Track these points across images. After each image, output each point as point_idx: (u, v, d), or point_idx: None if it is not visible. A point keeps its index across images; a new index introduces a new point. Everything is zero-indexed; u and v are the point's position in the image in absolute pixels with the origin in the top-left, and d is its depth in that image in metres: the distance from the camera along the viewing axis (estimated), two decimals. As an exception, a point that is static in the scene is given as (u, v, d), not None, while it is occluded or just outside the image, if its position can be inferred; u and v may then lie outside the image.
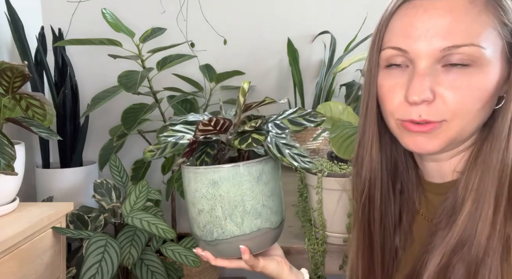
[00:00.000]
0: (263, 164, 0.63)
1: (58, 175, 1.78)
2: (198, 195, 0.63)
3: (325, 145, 1.70)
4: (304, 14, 1.95)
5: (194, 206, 0.64)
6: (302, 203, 1.15)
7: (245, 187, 0.61)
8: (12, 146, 1.00)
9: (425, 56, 0.52)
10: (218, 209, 0.62)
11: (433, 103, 0.52)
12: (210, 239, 0.64)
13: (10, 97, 1.04)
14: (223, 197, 0.61)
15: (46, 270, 1.13)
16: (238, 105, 0.63)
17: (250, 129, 0.62)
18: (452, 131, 0.53)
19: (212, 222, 0.63)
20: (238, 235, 0.62)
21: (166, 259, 1.51)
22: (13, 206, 1.13)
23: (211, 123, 0.60)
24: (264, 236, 0.64)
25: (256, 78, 1.96)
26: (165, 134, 0.65)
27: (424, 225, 0.63)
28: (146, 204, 1.47)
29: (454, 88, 0.51)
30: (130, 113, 1.59)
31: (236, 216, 0.62)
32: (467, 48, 0.50)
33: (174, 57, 1.67)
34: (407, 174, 0.64)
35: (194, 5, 1.96)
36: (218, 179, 0.61)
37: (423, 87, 0.51)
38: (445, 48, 0.51)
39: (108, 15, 1.60)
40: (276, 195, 0.65)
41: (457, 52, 0.50)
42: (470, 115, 0.51)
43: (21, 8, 1.69)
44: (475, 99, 0.51)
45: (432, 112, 0.52)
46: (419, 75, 0.52)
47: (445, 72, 0.51)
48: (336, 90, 1.89)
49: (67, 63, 1.82)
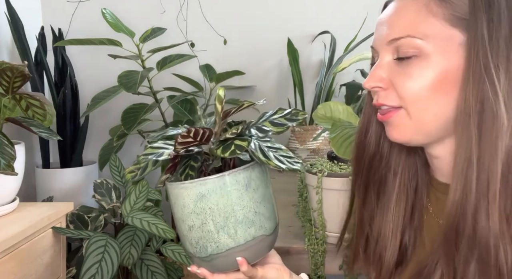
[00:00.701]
0: (250, 170, 0.61)
1: (58, 175, 1.78)
2: (186, 210, 0.60)
3: (325, 145, 1.70)
4: (304, 14, 1.96)
5: (183, 222, 0.61)
6: (302, 203, 1.15)
7: (234, 196, 0.60)
8: (12, 146, 1.00)
9: (380, 50, 0.58)
10: (209, 223, 0.60)
11: (388, 90, 0.57)
12: (205, 255, 0.61)
13: (10, 97, 1.04)
14: (213, 210, 0.59)
15: (46, 270, 1.13)
16: (217, 113, 0.61)
17: (232, 136, 0.60)
18: (410, 119, 0.56)
19: (205, 237, 0.60)
20: (233, 247, 0.60)
21: (166, 259, 1.51)
22: (13, 206, 1.13)
23: (190, 134, 0.58)
24: (260, 244, 0.62)
25: (256, 78, 1.96)
26: (144, 153, 0.63)
27: (434, 223, 0.63)
28: (146, 204, 1.47)
29: (400, 77, 0.55)
30: (130, 113, 1.59)
31: (229, 228, 0.60)
32: (403, 40, 0.54)
33: (174, 57, 1.67)
34: (421, 170, 0.65)
35: (194, 5, 1.96)
36: (206, 192, 0.59)
37: (373, 76, 0.58)
38: (389, 42, 0.56)
39: (108, 15, 1.60)
40: (267, 200, 0.63)
41: (398, 44, 0.55)
42: (420, 102, 0.54)
43: (21, 8, 1.69)
44: (419, 87, 0.54)
45: (386, 97, 0.57)
46: (375, 66, 0.59)
47: (397, 64, 0.56)
48: (336, 90, 1.89)
49: (67, 63, 1.82)
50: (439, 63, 0.53)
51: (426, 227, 0.64)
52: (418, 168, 0.65)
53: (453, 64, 0.53)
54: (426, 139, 0.58)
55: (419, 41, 0.53)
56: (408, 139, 0.58)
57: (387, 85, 0.57)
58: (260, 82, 1.97)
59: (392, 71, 0.57)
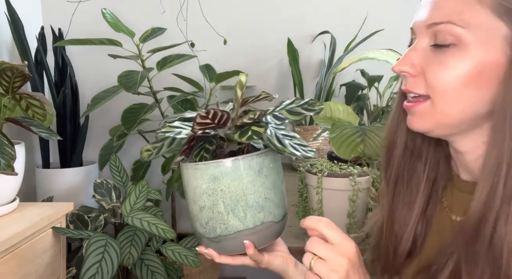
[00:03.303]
0: (263, 156, 0.63)
1: (58, 175, 1.78)
2: (199, 191, 0.62)
3: (325, 145, 1.70)
4: (304, 14, 1.96)
5: (195, 203, 0.63)
6: (302, 203, 1.15)
7: (246, 180, 0.61)
8: (12, 146, 1.00)
9: (418, 33, 0.55)
10: (220, 205, 0.61)
11: (417, 78, 0.55)
12: (214, 235, 0.63)
13: (10, 97, 1.04)
14: (225, 192, 0.61)
15: (46, 270, 1.13)
16: (236, 99, 0.62)
17: (249, 121, 0.61)
18: (436, 110, 0.54)
19: (215, 218, 0.62)
20: (242, 230, 0.62)
21: (166, 259, 1.51)
22: (13, 206, 1.13)
23: (209, 115, 0.59)
24: (268, 229, 0.63)
25: (256, 78, 1.96)
26: (162, 130, 0.64)
27: (446, 218, 0.62)
28: (146, 204, 1.47)
29: (434, 64, 0.53)
30: (130, 113, 1.59)
31: (238, 211, 0.61)
32: (443, 26, 0.51)
33: (174, 57, 1.67)
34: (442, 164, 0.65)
35: (194, 5, 1.96)
36: (219, 174, 0.60)
37: (404, 60, 0.55)
38: (427, 26, 0.53)
39: (108, 15, 1.60)
40: (277, 188, 0.65)
41: (437, 29, 0.52)
42: (448, 95, 0.52)
43: (21, 8, 1.69)
44: (451, 78, 0.52)
45: (415, 84, 0.55)
46: (409, 50, 0.56)
47: (433, 51, 0.54)
48: (336, 90, 1.89)
49: (67, 63, 1.82)
50: (478, 55, 0.50)
51: (436, 220, 0.64)
52: (440, 160, 0.64)
53: (493, 58, 0.50)
54: (447, 131, 0.56)
55: (460, 30, 0.50)
56: (428, 129, 0.56)
57: (416, 72, 0.55)
58: (260, 82, 1.97)
59: (426, 57, 0.54)
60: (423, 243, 0.64)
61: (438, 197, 0.64)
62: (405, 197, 0.65)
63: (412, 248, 0.64)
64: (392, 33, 1.50)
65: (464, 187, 0.61)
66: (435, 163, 0.64)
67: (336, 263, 0.56)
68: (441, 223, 0.63)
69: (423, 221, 0.64)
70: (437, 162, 0.64)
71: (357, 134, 1.03)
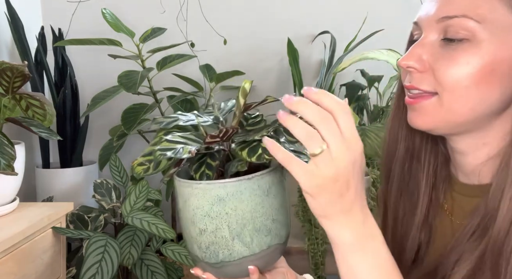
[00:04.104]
0: (273, 175, 0.56)
1: (58, 175, 1.78)
2: (199, 213, 0.55)
3: (325, 145, 1.70)
4: (304, 14, 1.95)
5: (194, 225, 0.56)
6: (302, 203, 1.15)
7: (255, 202, 0.54)
8: (12, 146, 1.00)
9: (426, 27, 0.53)
10: (224, 229, 0.54)
11: (424, 73, 0.52)
12: (215, 261, 0.56)
13: (10, 97, 1.04)
14: (230, 215, 0.54)
15: (46, 270, 1.13)
16: (238, 107, 0.57)
17: (259, 138, 0.54)
18: (442, 108, 0.52)
19: (217, 243, 0.55)
20: (247, 256, 0.55)
21: (166, 259, 1.51)
22: (13, 206, 1.13)
23: (220, 134, 0.54)
24: (274, 252, 0.58)
25: (256, 78, 1.96)
26: (160, 148, 0.55)
27: (447, 222, 0.62)
28: (146, 204, 1.47)
29: (444, 60, 0.51)
30: (130, 113, 1.59)
31: (245, 235, 0.55)
32: (457, 20, 0.49)
33: (174, 57, 1.67)
34: (441, 168, 0.63)
35: (194, 5, 1.96)
36: (225, 195, 0.53)
37: (412, 55, 0.52)
38: (439, 19, 0.51)
39: (108, 15, 1.60)
40: (284, 206, 0.60)
41: (450, 23, 0.50)
42: (458, 92, 0.50)
43: (21, 8, 1.69)
44: (462, 75, 0.49)
45: (421, 80, 0.53)
46: (416, 44, 0.53)
47: (442, 46, 0.51)
48: (336, 90, 1.89)
49: (67, 63, 1.82)
50: (491, 52, 0.49)
51: (439, 224, 0.63)
52: (439, 164, 0.63)
53: (506, 55, 0.49)
54: (450, 130, 0.54)
55: (474, 24, 0.48)
56: (432, 127, 0.54)
57: (424, 68, 0.52)
58: (260, 82, 1.97)
59: (435, 53, 0.52)
60: (427, 249, 0.63)
61: (439, 202, 0.63)
62: (405, 205, 0.64)
63: (416, 255, 0.63)
64: (392, 33, 1.50)
65: (463, 190, 0.60)
66: (434, 168, 0.63)
67: (342, 162, 0.46)
68: (443, 226, 0.62)
69: (426, 227, 0.63)
70: (436, 166, 0.63)
71: (357, 135, 1.03)
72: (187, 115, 0.63)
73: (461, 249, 0.53)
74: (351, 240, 0.49)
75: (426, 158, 0.62)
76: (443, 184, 0.63)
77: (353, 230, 0.49)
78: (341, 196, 0.47)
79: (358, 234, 0.49)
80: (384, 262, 0.50)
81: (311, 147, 0.45)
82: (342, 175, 0.46)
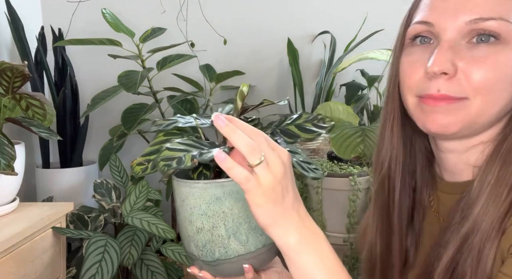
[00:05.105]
0: None
1: (58, 175, 1.78)
2: (197, 211, 0.56)
3: (325, 145, 1.70)
4: (304, 14, 1.95)
5: (191, 223, 0.57)
6: (302, 203, 1.15)
7: None
8: (12, 146, 1.00)
9: (450, 29, 0.50)
10: (221, 227, 0.56)
11: (454, 79, 0.50)
12: (211, 259, 0.58)
13: (10, 97, 1.04)
14: (227, 214, 0.56)
15: (46, 270, 1.13)
16: (235, 110, 0.58)
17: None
18: (472, 110, 0.50)
19: (214, 241, 0.57)
20: (243, 254, 0.57)
21: (166, 259, 1.51)
22: (13, 206, 1.13)
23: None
24: (269, 251, 0.60)
25: (256, 78, 1.96)
26: (162, 158, 0.55)
27: (435, 222, 0.62)
28: (146, 204, 1.47)
29: (477, 63, 0.49)
30: (130, 113, 1.59)
31: (241, 234, 0.56)
32: (494, 22, 0.47)
33: (174, 57, 1.67)
34: (423, 170, 0.63)
35: (194, 5, 1.96)
36: (221, 195, 0.55)
37: (444, 59, 0.49)
38: (471, 21, 0.48)
39: (108, 15, 1.60)
40: None
41: (483, 26, 0.48)
42: (493, 95, 0.49)
43: (21, 8, 1.69)
44: (499, 77, 0.48)
45: (452, 87, 0.50)
46: (442, 47, 0.50)
47: (469, 48, 0.49)
48: (336, 90, 1.89)
49: (67, 63, 1.82)
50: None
51: (427, 224, 0.64)
52: (417, 167, 0.63)
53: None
54: (469, 132, 0.53)
55: (510, 26, 0.47)
56: (457, 130, 0.52)
57: (454, 71, 0.49)
58: (260, 82, 1.97)
59: (461, 55, 0.49)
60: (416, 251, 0.63)
61: (423, 204, 0.63)
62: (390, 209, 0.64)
63: (406, 258, 0.64)
64: (392, 33, 1.49)
65: (448, 189, 0.60)
66: (412, 171, 0.63)
67: (276, 167, 0.49)
68: (432, 226, 0.63)
69: (412, 231, 0.63)
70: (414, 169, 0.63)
71: (357, 135, 1.03)
72: (186, 118, 0.65)
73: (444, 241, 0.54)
74: (297, 240, 0.51)
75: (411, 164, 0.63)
76: (427, 186, 0.63)
77: (297, 231, 0.51)
78: (284, 199, 0.49)
79: (301, 234, 0.51)
80: (327, 256, 0.52)
81: (252, 158, 0.47)
82: (281, 179, 0.49)
